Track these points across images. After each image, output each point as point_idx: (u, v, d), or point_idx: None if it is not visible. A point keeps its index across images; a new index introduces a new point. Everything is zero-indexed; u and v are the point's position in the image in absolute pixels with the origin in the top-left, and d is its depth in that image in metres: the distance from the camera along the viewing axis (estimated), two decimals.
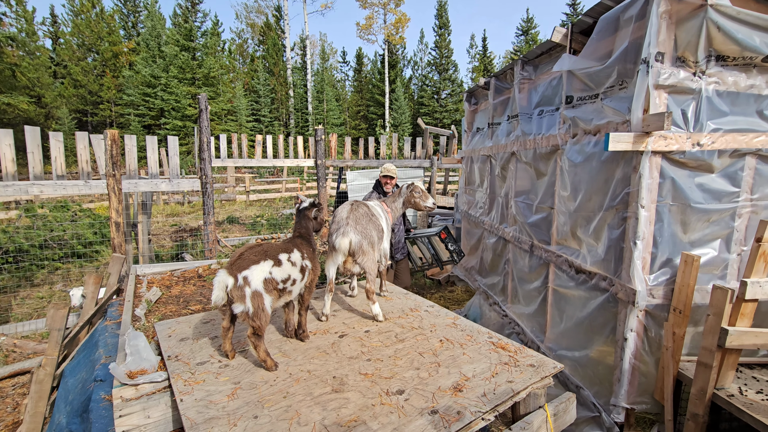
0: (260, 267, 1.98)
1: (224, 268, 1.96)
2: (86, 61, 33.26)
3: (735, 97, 2.84)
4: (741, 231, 2.95)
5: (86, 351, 3.04)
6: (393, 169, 4.49)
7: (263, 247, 2.09)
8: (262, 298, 1.95)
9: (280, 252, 2.10)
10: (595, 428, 3.05)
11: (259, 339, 1.95)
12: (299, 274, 2.16)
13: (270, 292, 1.99)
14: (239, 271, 1.94)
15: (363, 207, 2.74)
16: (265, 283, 1.97)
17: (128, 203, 6.91)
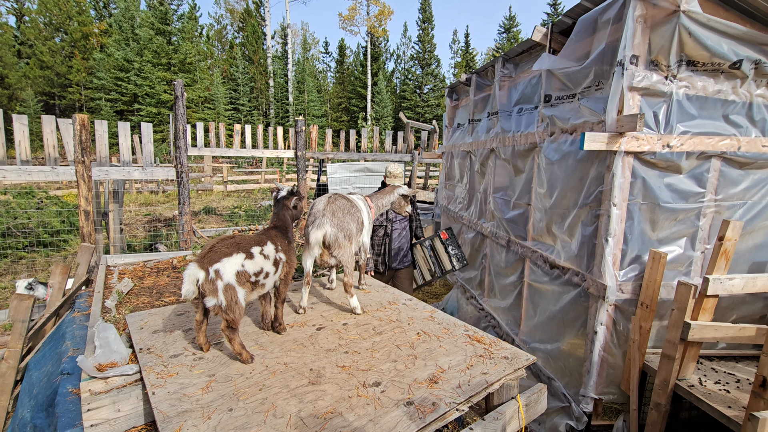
0: (232, 260, 1.94)
1: (194, 261, 1.92)
2: (53, 41, 31.68)
3: (703, 102, 2.95)
4: (705, 230, 3.09)
5: (52, 343, 2.93)
6: (399, 172, 4.06)
7: (235, 240, 2.05)
8: (236, 291, 1.92)
9: (253, 245, 2.07)
10: (564, 418, 3.16)
11: (233, 332, 1.93)
12: (273, 267, 2.12)
13: (243, 285, 1.96)
14: (210, 264, 1.89)
15: (342, 200, 2.70)
16: (237, 276, 1.94)
17: (99, 191, 6.65)
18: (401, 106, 40.34)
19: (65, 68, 31.18)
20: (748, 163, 3.03)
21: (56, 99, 31.96)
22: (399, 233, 4.23)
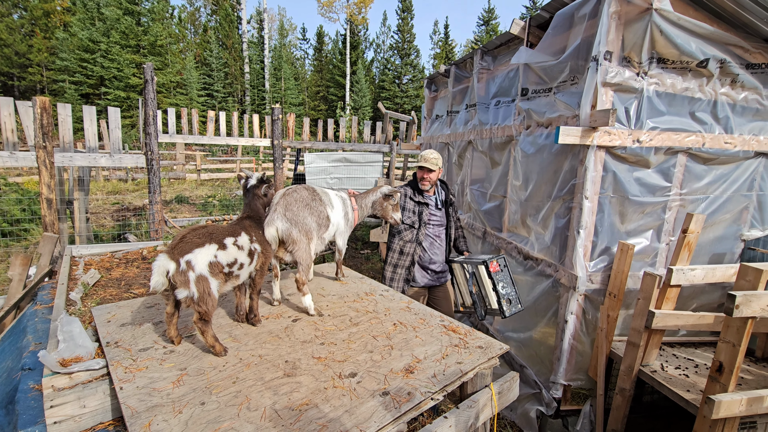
0: (205, 250, 1.88)
1: (164, 252, 1.84)
2: (11, 18, 29.69)
3: (672, 98, 3.05)
4: (670, 222, 3.22)
5: (12, 337, 2.79)
6: (435, 158, 3.16)
7: (207, 230, 1.98)
8: (208, 282, 1.86)
9: (226, 235, 2.01)
10: (535, 404, 3.27)
11: (206, 324, 1.87)
12: (247, 258, 2.07)
13: (216, 276, 1.91)
14: (182, 255, 1.83)
15: (302, 192, 2.41)
16: (210, 267, 1.88)
17: (63, 178, 6.34)
18: (380, 96, 40.09)
19: (25, 47, 29.36)
20: (711, 158, 3.16)
21: (15, 80, 30.11)
22: (432, 242, 3.31)
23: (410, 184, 3.41)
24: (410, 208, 3.30)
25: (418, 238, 3.27)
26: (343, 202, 2.72)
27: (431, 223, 3.30)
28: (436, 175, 3.26)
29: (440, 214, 3.35)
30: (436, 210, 3.34)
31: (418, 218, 3.26)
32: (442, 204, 3.37)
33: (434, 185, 3.35)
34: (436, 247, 3.34)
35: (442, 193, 3.43)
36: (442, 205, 3.38)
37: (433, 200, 3.36)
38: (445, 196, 3.42)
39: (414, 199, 3.30)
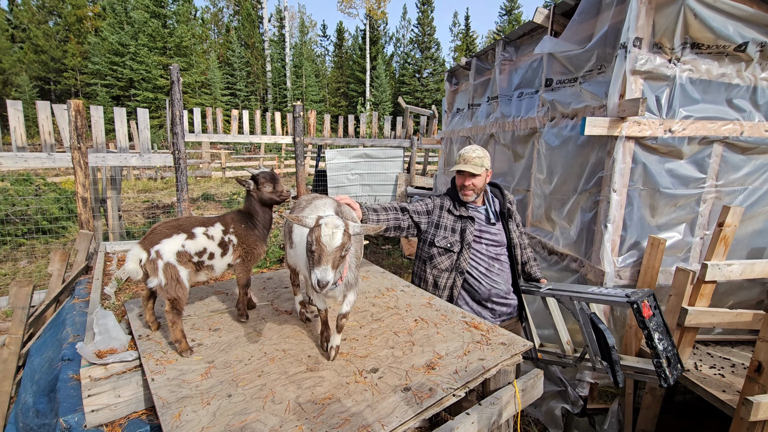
0: (173, 240, 1.96)
1: (138, 242, 1.96)
2: (47, 25, 31.11)
3: (707, 85, 2.91)
4: (705, 216, 3.08)
5: (53, 330, 2.95)
6: (478, 157, 2.41)
7: (178, 221, 2.06)
8: (176, 270, 1.92)
9: (197, 225, 2.06)
10: (561, 402, 3.21)
11: (176, 315, 1.90)
12: (218, 248, 2.09)
13: (185, 265, 1.96)
14: (151, 245, 1.92)
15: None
16: (178, 256, 1.94)
17: (96, 178, 6.61)
18: (400, 90, 39.90)
19: (60, 53, 30.72)
20: (750, 148, 3.00)
21: (52, 84, 31.56)
22: (489, 266, 2.51)
23: (448, 192, 2.65)
24: (447, 225, 2.53)
25: (459, 265, 2.48)
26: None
27: (483, 241, 2.51)
28: (483, 180, 2.47)
29: (495, 230, 2.55)
30: (488, 225, 2.55)
31: (460, 238, 2.48)
32: (496, 216, 2.59)
33: (482, 193, 2.57)
34: (495, 274, 2.52)
35: (496, 201, 2.64)
36: (497, 217, 2.59)
37: (482, 212, 2.57)
38: (501, 206, 2.62)
39: (454, 212, 2.53)
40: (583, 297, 2.36)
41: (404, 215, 2.55)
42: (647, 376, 2.33)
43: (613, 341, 2.06)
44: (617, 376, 2.12)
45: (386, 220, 2.47)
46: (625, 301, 2.17)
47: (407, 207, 2.59)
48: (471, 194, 2.49)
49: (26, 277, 6.05)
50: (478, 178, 2.45)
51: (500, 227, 2.59)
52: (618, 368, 2.11)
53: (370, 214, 2.40)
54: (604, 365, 2.24)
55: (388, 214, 2.50)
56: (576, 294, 2.40)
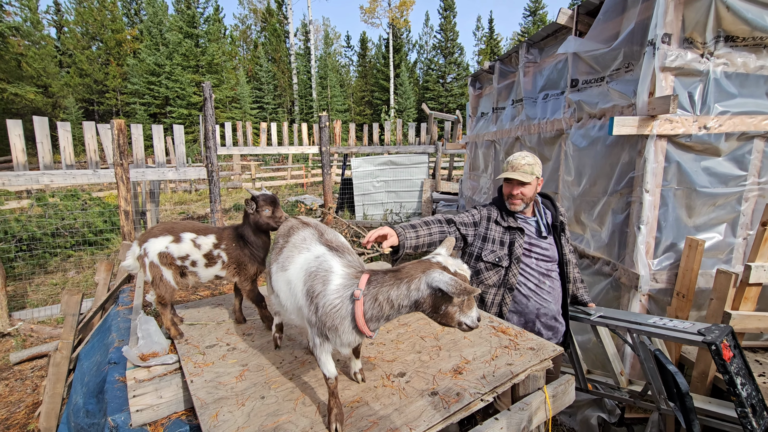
0: (158, 240, 2.10)
1: (137, 239, 2.16)
2: (91, 50, 33.27)
3: (744, 79, 2.79)
4: (747, 215, 2.93)
5: (100, 335, 3.13)
6: (528, 164, 2.24)
7: (173, 224, 2.18)
8: (159, 270, 2.09)
9: (187, 231, 2.16)
10: (597, 410, 3.10)
11: (163, 308, 2.14)
12: (203, 258, 2.16)
13: (167, 266, 2.10)
14: (143, 242, 2.11)
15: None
16: (160, 257, 2.08)
17: (136, 192, 7.00)
18: (424, 96, 39.95)
19: (102, 75, 32.71)
20: None
21: (95, 105, 33.59)
22: (539, 283, 2.31)
23: (495, 201, 2.45)
24: (496, 238, 2.33)
25: (508, 280, 2.30)
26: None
27: (533, 255, 2.30)
28: (533, 189, 2.28)
29: (546, 244, 2.33)
30: (539, 238, 2.33)
31: (508, 251, 2.29)
32: (548, 229, 2.37)
33: (532, 203, 2.37)
34: (545, 292, 2.31)
35: (548, 213, 2.42)
36: (549, 230, 2.37)
37: (532, 224, 2.37)
38: (553, 218, 2.40)
39: (501, 223, 2.34)
40: (644, 331, 2.12)
41: (451, 227, 2.36)
42: (727, 423, 2.06)
43: (687, 386, 1.82)
44: (693, 427, 1.84)
45: (428, 235, 2.26)
46: (700, 341, 1.89)
47: (454, 218, 2.39)
48: (519, 203, 2.30)
49: (75, 287, 6.45)
50: (527, 187, 2.26)
51: (552, 241, 2.36)
52: (694, 417, 1.85)
53: (408, 233, 2.17)
54: (672, 407, 2.02)
55: (431, 228, 2.29)
56: (636, 327, 2.16)
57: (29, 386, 3.95)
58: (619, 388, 2.48)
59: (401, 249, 2.15)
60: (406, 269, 1.31)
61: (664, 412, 2.19)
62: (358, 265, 1.45)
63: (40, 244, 7.06)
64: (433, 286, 1.23)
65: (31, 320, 5.21)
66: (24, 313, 5.31)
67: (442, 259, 1.31)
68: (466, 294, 1.18)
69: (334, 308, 1.34)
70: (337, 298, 1.35)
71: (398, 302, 1.29)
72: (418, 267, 1.29)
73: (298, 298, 1.48)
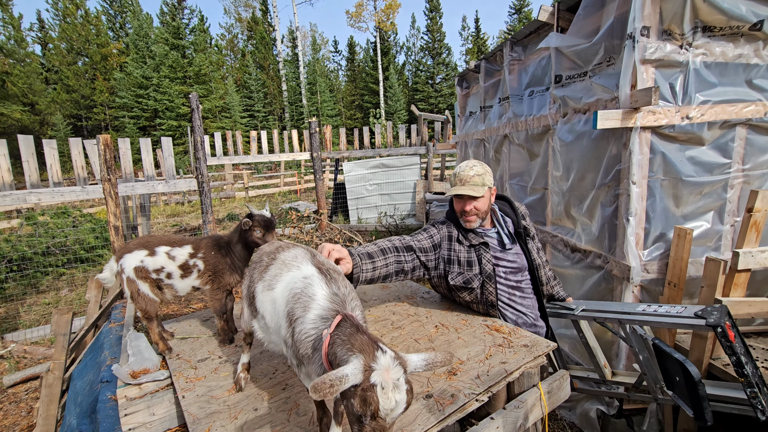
0: (133, 255, 2.11)
1: (115, 254, 2.17)
2: (77, 65, 33.06)
3: (723, 68, 2.82)
4: (734, 202, 2.96)
5: (92, 353, 3.09)
6: (477, 175, 2.11)
7: (149, 239, 2.18)
8: (136, 284, 2.10)
9: (162, 244, 2.17)
10: (595, 403, 3.11)
11: (149, 321, 2.14)
12: (178, 270, 2.15)
13: (143, 280, 2.11)
14: (119, 258, 2.12)
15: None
16: (135, 271, 2.09)
17: (127, 206, 6.94)
18: (414, 98, 40.08)
19: (89, 90, 32.51)
20: None
21: (83, 120, 33.37)
22: (509, 297, 2.22)
23: (450, 218, 2.29)
24: (461, 258, 2.16)
25: (486, 299, 2.17)
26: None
27: (500, 269, 2.18)
28: (487, 201, 2.13)
29: (513, 255, 2.21)
30: (504, 251, 2.21)
31: (479, 270, 2.13)
32: (512, 239, 2.25)
33: (488, 215, 2.22)
34: (517, 305, 2.22)
35: (508, 221, 2.29)
36: (513, 240, 2.25)
37: (494, 236, 2.24)
38: (515, 224, 2.28)
39: (464, 242, 2.18)
40: (638, 321, 2.07)
41: (409, 255, 2.12)
42: (735, 406, 2.00)
43: (699, 374, 1.73)
44: (706, 414, 1.74)
45: (385, 266, 2.03)
46: (703, 324, 1.83)
47: (413, 244, 2.16)
48: (474, 219, 2.14)
49: (68, 305, 6.37)
50: (480, 201, 2.10)
51: (518, 250, 2.23)
52: (707, 405, 1.75)
53: (364, 262, 1.96)
54: (672, 395, 1.99)
55: (387, 258, 2.05)
56: (628, 317, 2.11)
57: (24, 409, 3.89)
58: (605, 381, 2.47)
59: (355, 282, 1.94)
60: (358, 338, 1.14)
61: (661, 401, 2.18)
62: (340, 301, 1.34)
63: (31, 263, 6.97)
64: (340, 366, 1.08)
65: (24, 341, 5.14)
66: (16, 334, 5.24)
67: (384, 364, 1.04)
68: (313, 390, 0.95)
69: (309, 338, 1.29)
70: (313, 329, 1.29)
71: (336, 360, 1.17)
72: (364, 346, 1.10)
73: (280, 317, 1.42)
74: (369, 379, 1.01)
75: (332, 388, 0.96)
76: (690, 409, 1.84)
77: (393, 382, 1.01)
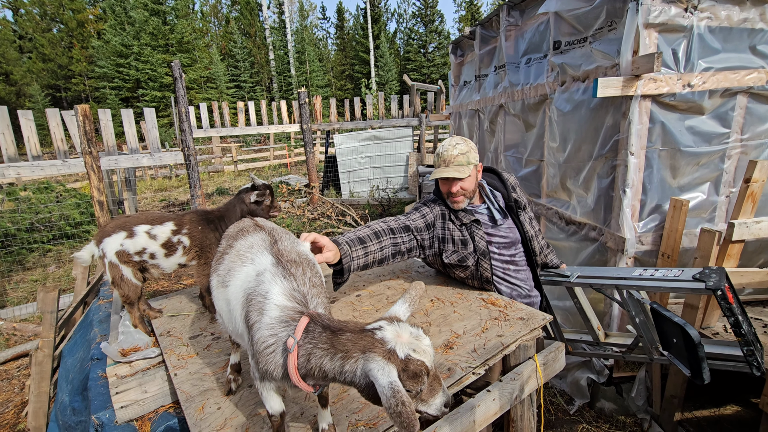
0: (112, 239, 2.02)
1: (94, 237, 2.08)
2: (51, 33, 31.43)
3: (728, 33, 2.72)
4: (730, 173, 2.94)
5: (82, 331, 3.05)
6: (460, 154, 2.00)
7: (124, 219, 2.09)
8: (119, 269, 2.02)
9: (141, 223, 2.07)
10: (586, 372, 3.18)
11: (130, 306, 2.09)
12: (161, 249, 2.07)
13: (126, 264, 2.03)
14: (99, 242, 2.03)
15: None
16: (118, 255, 2.01)
17: (112, 181, 6.75)
18: (406, 68, 39.12)
19: (66, 59, 31.09)
20: None
21: (62, 92, 32.08)
22: (504, 271, 2.19)
23: (440, 195, 2.20)
24: (455, 237, 2.12)
25: (481, 275, 2.14)
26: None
27: (493, 245, 2.15)
28: (474, 180, 2.07)
29: (505, 230, 2.17)
30: (495, 226, 2.16)
31: (473, 249, 2.10)
32: (503, 213, 2.20)
33: (476, 192, 2.17)
34: (511, 278, 2.20)
35: (498, 195, 2.24)
36: (503, 212, 2.21)
37: (484, 212, 2.19)
38: (505, 198, 2.23)
39: (455, 221, 2.13)
40: (635, 286, 2.07)
41: (407, 236, 2.07)
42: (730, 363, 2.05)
43: (699, 336, 1.77)
44: (704, 374, 1.79)
45: (379, 250, 1.96)
46: (702, 287, 1.82)
47: (409, 224, 2.10)
48: (462, 200, 2.08)
49: (55, 282, 6.28)
50: (467, 180, 2.02)
51: (510, 224, 2.19)
52: (705, 366, 1.79)
53: (354, 249, 1.87)
54: (667, 355, 2.03)
55: (382, 241, 1.98)
56: (624, 283, 2.11)
57: (16, 386, 3.87)
58: (598, 343, 2.51)
59: (345, 273, 1.82)
60: (345, 338, 1.00)
61: (657, 361, 2.23)
62: (302, 298, 1.15)
63: (15, 240, 6.81)
64: (369, 380, 0.94)
65: (13, 319, 5.07)
66: (4, 312, 5.17)
67: (391, 335, 0.97)
68: (398, 423, 0.84)
69: (268, 348, 1.09)
70: (272, 336, 1.09)
71: (332, 375, 1.01)
72: (357, 341, 0.98)
73: (238, 323, 1.22)
74: (400, 357, 0.93)
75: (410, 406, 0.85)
76: (687, 369, 1.88)
77: (413, 338, 0.97)
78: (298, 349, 1.03)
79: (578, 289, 2.48)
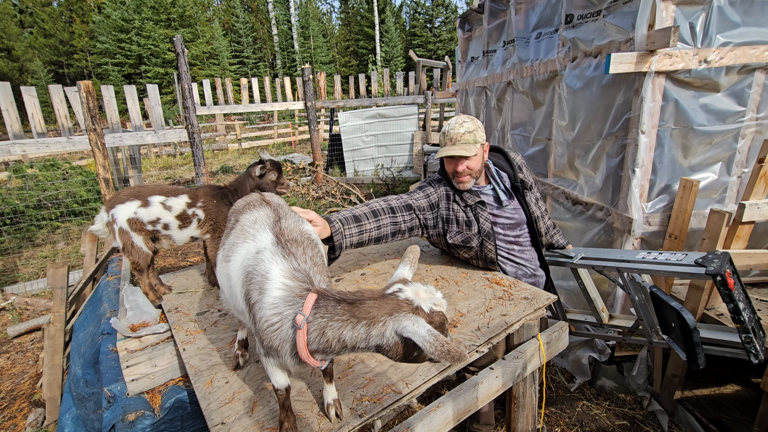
0: (125, 206, 2.03)
1: (105, 204, 2.08)
2: (52, 7, 30.88)
3: (749, 5, 2.61)
4: (743, 152, 2.87)
5: (92, 306, 3.11)
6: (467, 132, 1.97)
7: (140, 189, 2.10)
8: (129, 236, 2.03)
9: (156, 194, 2.08)
10: (588, 351, 3.21)
11: (139, 273, 2.12)
12: (176, 220, 2.10)
13: (138, 232, 2.04)
14: (110, 208, 2.04)
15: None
16: (129, 223, 2.02)
17: (117, 158, 6.74)
18: (411, 43, 38.19)
19: (67, 34, 30.64)
20: None
21: (65, 68, 31.78)
22: (508, 251, 2.19)
23: (444, 175, 2.18)
24: (459, 218, 2.11)
25: (486, 256, 2.14)
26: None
27: (498, 226, 2.13)
28: (480, 159, 2.04)
29: (510, 211, 2.15)
30: (501, 207, 2.15)
31: (477, 230, 2.09)
32: (509, 194, 2.19)
33: (482, 172, 2.13)
34: (516, 257, 2.19)
35: (504, 175, 2.22)
36: (509, 193, 2.19)
37: (489, 193, 2.17)
38: (511, 178, 2.21)
39: (460, 202, 2.12)
40: (636, 269, 2.05)
41: (408, 215, 2.07)
42: (728, 349, 2.05)
43: (695, 322, 1.78)
44: (699, 359, 1.81)
45: (376, 228, 1.95)
46: (702, 273, 1.80)
47: (411, 203, 2.09)
48: (468, 180, 2.04)
49: (64, 258, 6.38)
50: (473, 159, 1.99)
51: (515, 204, 2.17)
52: (700, 351, 1.81)
53: (348, 227, 1.86)
54: (666, 339, 2.04)
55: (380, 219, 1.97)
56: (626, 265, 2.08)
57: (30, 358, 3.99)
58: (602, 325, 2.51)
59: (337, 249, 1.82)
60: (366, 306, 1.04)
61: (656, 344, 2.25)
62: (305, 276, 1.16)
63: (23, 217, 6.89)
64: (404, 336, 0.98)
65: (25, 294, 5.18)
66: (16, 287, 5.28)
67: (412, 294, 1.03)
68: (450, 358, 0.92)
69: (272, 327, 1.10)
70: (275, 315, 1.10)
71: (353, 344, 1.04)
72: (382, 306, 1.03)
73: (238, 300, 1.24)
74: (426, 312, 1.01)
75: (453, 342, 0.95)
76: (683, 353, 1.90)
77: (429, 294, 1.05)
78: (308, 325, 1.05)
79: (583, 271, 2.47)
